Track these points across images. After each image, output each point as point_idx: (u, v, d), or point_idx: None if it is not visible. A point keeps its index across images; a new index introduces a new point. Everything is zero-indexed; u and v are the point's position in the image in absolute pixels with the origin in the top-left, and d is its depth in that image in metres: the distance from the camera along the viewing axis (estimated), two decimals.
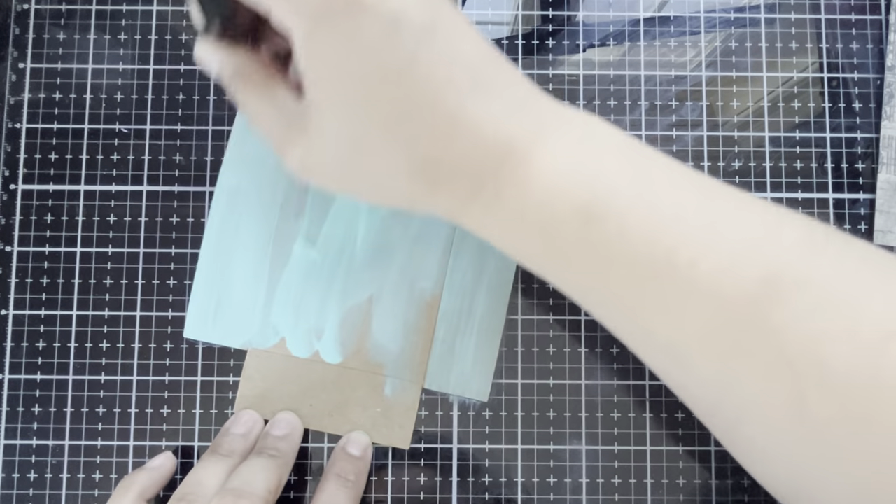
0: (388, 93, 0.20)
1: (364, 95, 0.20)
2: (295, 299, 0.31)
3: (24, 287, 0.31)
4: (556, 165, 0.21)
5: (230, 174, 0.31)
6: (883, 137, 0.32)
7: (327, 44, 0.20)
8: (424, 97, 0.20)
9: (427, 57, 0.20)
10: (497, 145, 0.21)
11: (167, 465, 0.29)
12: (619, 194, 0.20)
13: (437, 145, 0.21)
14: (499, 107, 0.21)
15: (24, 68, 0.32)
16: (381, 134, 0.21)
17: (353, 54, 0.20)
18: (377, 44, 0.19)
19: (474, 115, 0.20)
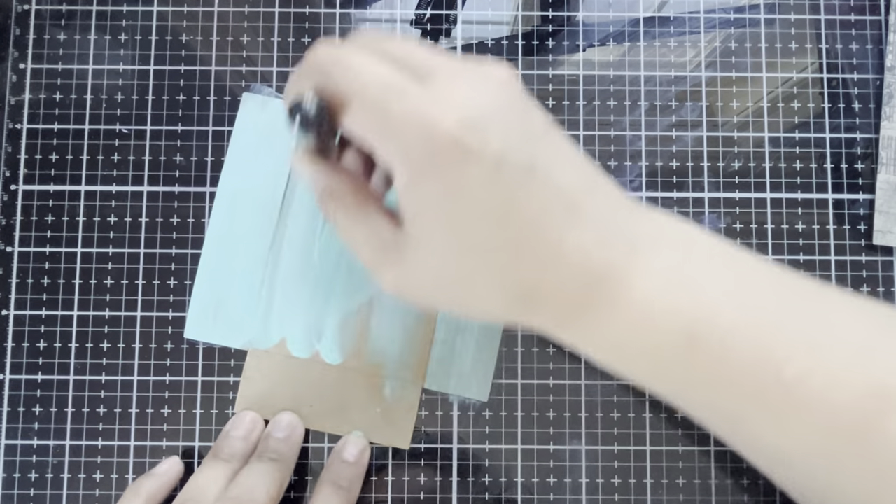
0: (487, 232, 0.20)
1: (464, 235, 0.21)
2: (295, 300, 0.31)
3: (24, 287, 0.31)
4: (654, 289, 0.21)
5: (232, 177, 0.31)
6: (882, 138, 0.32)
7: (430, 188, 0.20)
8: (522, 232, 0.20)
9: (527, 195, 0.20)
10: (594, 272, 0.21)
11: (174, 471, 0.29)
12: (720, 313, 0.20)
13: (533, 275, 0.21)
14: (594, 233, 0.21)
15: (24, 69, 0.32)
16: (479, 267, 0.21)
17: (455, 198, 0.20)
18: (480, 187, 0.20)
19: (570, 244, 0.20)
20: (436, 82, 0.20)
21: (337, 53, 0.21)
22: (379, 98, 0.20)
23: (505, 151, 0.20)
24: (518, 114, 0.21)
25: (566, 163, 0.21)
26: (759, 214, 0.32)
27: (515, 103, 0.21)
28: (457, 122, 0.19)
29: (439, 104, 0.20)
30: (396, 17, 0.33)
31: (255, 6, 0.32)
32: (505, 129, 0.20)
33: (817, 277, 0.31)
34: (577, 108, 0.32)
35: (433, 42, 0.32)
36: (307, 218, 0.31)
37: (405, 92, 0.20)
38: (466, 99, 0.20)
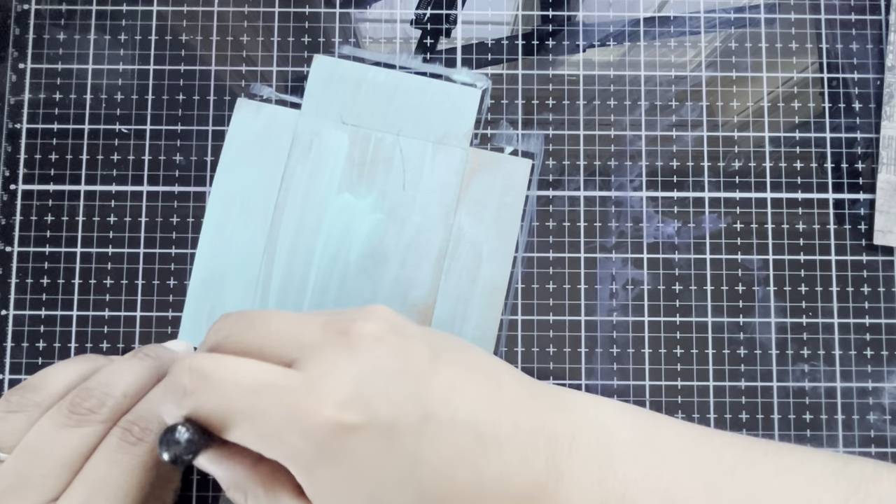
0: (398, 495, 0.20)
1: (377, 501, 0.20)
2: (288, 306, 0.30)
3: (24, 287, 0.31)
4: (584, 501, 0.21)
5: (225, 182, 0.31)
6: (883, 137, 0.32)
7: (329, 475, 0.19)
8: (434, 482, 0.20)
9: (430, 445, 0.20)
10: (518, 495, 0.20)
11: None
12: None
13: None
14: (508, 455, 0.20)
15: (24, 69, 0.32)
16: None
17: (358, 477, 0.19)
18: (379, 458, 0.19)
19: (487, 476, 0.20)
20: (307, 366, 0.20)
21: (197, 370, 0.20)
22: (248, 408, 0.19)
23: (392, 414, 0.19)
24: (395, 367, 0.20)
25: (461, 391, 0.21)
26: (759, 214, 0.32)
27: (389, 357, 0.20)
28: (333, 407, 0.19)
29: (312, 393, 0.19)
30: (396, 17, 0.33)
31: (255, 6, 0.32)
32: (385, 392, 0.20)
33: (817, 280, 0.31)
34: (577, 108, 0.32)
35: (434, 41, 0.32)
36: (300, 223, 0.31)
37: (274, 391, 0.19)
38: (338, 378, 0.19)
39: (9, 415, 0.24)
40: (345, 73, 0.32)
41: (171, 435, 0.19)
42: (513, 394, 0.22)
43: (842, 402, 0.31)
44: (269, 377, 0.20)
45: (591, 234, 0.32)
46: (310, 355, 0.20)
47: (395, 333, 0.21)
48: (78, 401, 0.24)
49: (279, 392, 0.19)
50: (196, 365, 0.20)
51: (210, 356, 0.21)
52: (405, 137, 0.31)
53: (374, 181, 0.31)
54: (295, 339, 0.21)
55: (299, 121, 0.31)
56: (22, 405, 0.25)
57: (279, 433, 0.19)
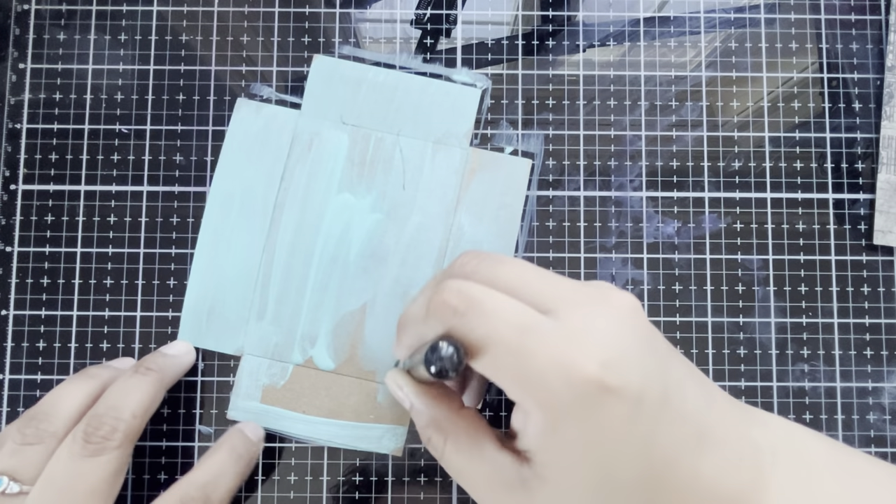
0: (627, 470, 0.20)
1: (604, 474, 0.20)
2: (288, 306, 0.31)
3: (24, 287, 0.31)
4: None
5: (224, 181, 0.31)
6: (883, 137, 0.32)
7: (571, 431, 0.20)
8: (660, 466, 0.20)
9: (663, 428, 0.20)
10: (728, 498, 0.21)
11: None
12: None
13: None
14: (723, 458, 0.21)
15: (24, 68, 0.32)
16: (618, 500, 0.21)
17: (597, 439, 0.20)
18: (621, 426, 0.19)
19: (704, 472, 0.20)
20: (565, 318, 0.20)
21: (467, 295, 0.20)
22: (516, 344, 0.19)
23: (643, 386, 0.19)
24: (648, 343, 0.20)
25: (690, 386, 0.21)
26: (759, 214, 0.32)
27: (644, 332, 0.21)
28: (598, 365, 0.19)
29: (577, 345, 0.19)
30: (396, 17, 0.33)
31: (255, 6, 0.32)
32: (641, 363, 0.20)
33: (817, 280, 0.31)
34: (577, 108, 0.32)
35: (434, 41, 0.32)
36: (300, 223, 0.31)
37: (541, 334, 0.19)
38: (602, 336, 0.19)
39: (26, 447, 0.25)
40: (345, 73, 0.32)
41: (438, 351, 0.20)
42: (721, 402, 0.22)
43: (842, 402, 0.31)
44: (537, 321, 0.20)
45: (591, 234, 0.32)
46: (570, 309, 0.20)
47: (643, 314, 0.21)
48: (91, 430, 0.25)
49: (548, 336, 0.19)
50: (466, 288, 0.20)
51: (478, 285, 0.21)
52: (405, 137, 0.31)
53: (374, 181, 0.31)
54: (552, 289, 0.21)
55: (299, 121, 0.31)
56: (38, 437, 0.25)
57: (538, 377, 0.19)
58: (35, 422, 0.25)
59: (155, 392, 0.27)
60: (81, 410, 0.26)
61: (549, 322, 0.20)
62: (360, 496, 0.30)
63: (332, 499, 0.30)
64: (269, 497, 0.30)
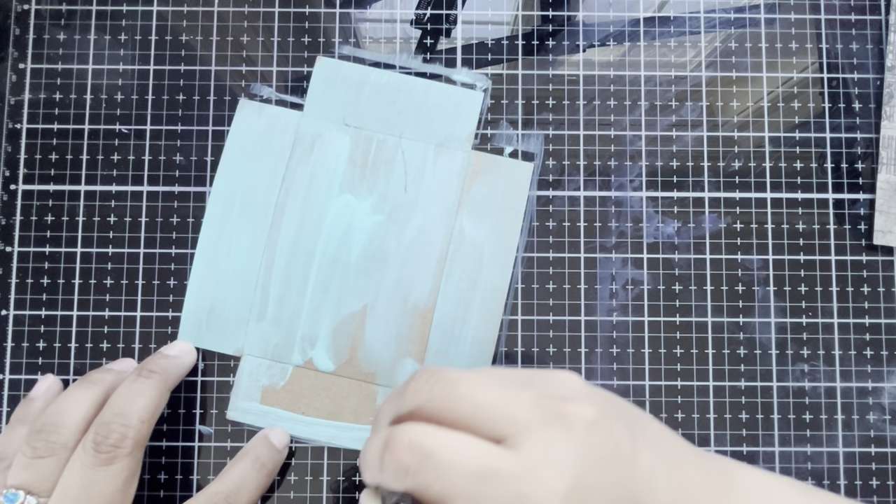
0: None
1: None
2: (288, 307, 0.31)
3: (24, 287, 0.31)
4: None
5: (225, 181, 0.31)
6: (883, 137, 0.32)
7: None
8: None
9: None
10: None
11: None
12: None
13: None
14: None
15: (24, 68, 0.32)
16: None
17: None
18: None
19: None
20: (523, 449, 0.19)
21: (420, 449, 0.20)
22: (475, 495, 0.19)
23: (610, 500, 0.19)
24: (609, 455, 0.20)
25: (658, 472, 0.21)
26: (759, 214, 0.32)
27: (604, 446, 0.20)
28: (560, 498, 0.19)
29: (536, 482, 0.19)
30: (396, 17, 0.33)
31: (255, 6, 0.32)
32: (603, 482, 0.19)
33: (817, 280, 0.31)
34: (577, 108, 0.32)
35: (434, 41, 0.32)
36: (301, 224, 0.31)
37: (498, 478, 0.19)
38: (561, 467, 0.19)
39: (38, 460, 0.25)
40: (347, 74, 0.32)
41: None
42: (693, 471, 0.22)
43: (842, 402, 0.31)
44: (493, 461, 0.19)
45: (591, 234, 0.32)
46: (525, 436, 0.20)
47: (605, 417, 0.21)
48: (100, 439, 0.25)
49: (504, 479, 0.19)
50: (416, 441, 0.20)
51: (429, 431, 0.20)
52: (407, 139, 0.31)
53: (376, 183, 0.31)
54: (506, 414, 0.20)
55: (301, 122, 0.31)
56: (49, 449, 0.25)
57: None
58: (44, 434, 0.25)
59: (160, 395, 0.27)
60: (88, 418, 0.26)
61: (506, 459, 0.19)
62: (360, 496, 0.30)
63: (332, 499, 0.30)
64: (269, 497, 0.30)
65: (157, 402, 0.27)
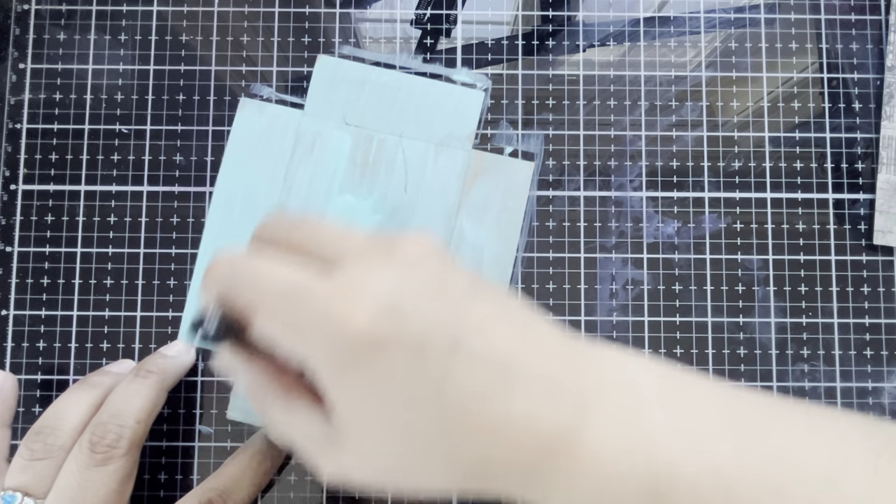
0: (423, 415, 0.20)
1: (399, 422, 0.20)
2: None
3: (24, 287, 0.31)
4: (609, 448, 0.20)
5: (228, 181, 0.31)
6: (883, 137, 0.32)
7: (355, 383, 0.19)
8: (461, 410, 0.20)
9: (458, 371, 0.19)
10: (544, 436, 0.20)
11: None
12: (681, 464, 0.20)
13: (482, 450, 0.20)
14: (537, 396, 0.20)
15: (24, 68, 0.32)
16: (421, 451, 0.20)
17: (383, 389, 0.19)
18: (406, 374, 0.19)
19: (514, 412, 0.20)
20: (343, 271, 0.20)
21: (237, 264, 0.21)
22: (285, 305, 0.19)
23: (425, 332, 0.19)
24: (433, 288, 0.20)
25: (494, 325, 0.20)
26: (759, 214, 0.32)
27: (429, 278, 0.20)
28: (369, 316, 0.19)
29: (348, 298, 0.19)
30: (396, 17, 0.33)
31: (255, 6, 0.32)
32: (421, 308, 0.19)
33: (817, 280, 0.31)
34: (577, 108, 0.32)
35: (434, 41, 0.32)
36: None
37: (311, 293, 0.19)
38: (377, 286, 0.19)
39: (35, 462, 0.25)
40: (348, 73, 0.32)
41: (201, 319, 0.21)
42: (543, 339, 0.21)
43: (842, 402, 0.31)
44: (304, 279, 0.20)
45: (591, 234, 0.32)
46: (350, 263, 0.20)
47: (439, 259, 0.21)
48: (96, 439, 0.25)
49: (313, 295, 0.19)
50: (233, 255, 0.21)
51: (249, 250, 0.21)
52: (407, 139, 0.31)
53: (376, 182, 0.31)
54: (337, 243, 0.21)
55: (302, 121, 0.31)
56: (46, 451, 0.25)
57: (309, 335, 0.19)
58: (41, 436, 0.26)
59: (157, 395, 0.27)
60: (86, 421, 0.26)
61: (319, 281, 0.19)
62: (360, 496, 0.30)
63: (332, 499, 0.30)
64: (270, 497, 0.30)
65: (154, 402, 0.27)
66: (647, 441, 0.20)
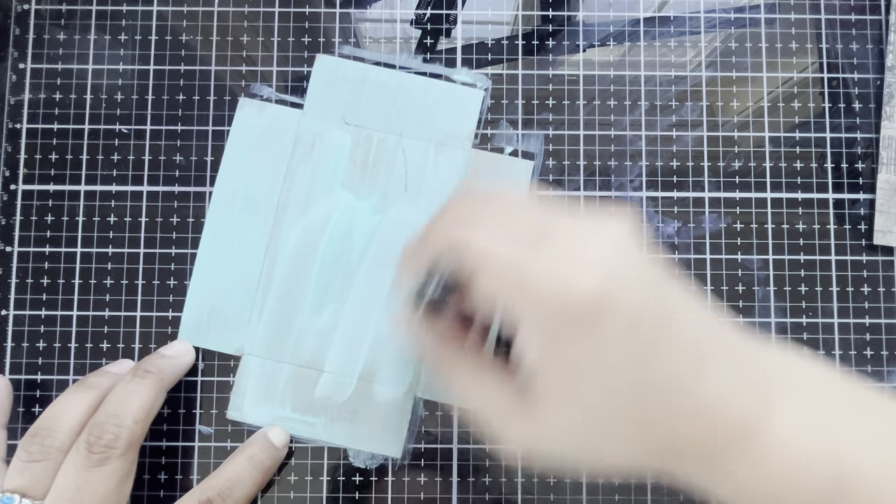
0: (624, 390, 0.20)
1: (601, 396, 0.20)
2: (289, 306, 0.30)
3: (24, 287, 0.31)
4: (794, 440, 0.20)
5: (227, 181, 0.31)
6: (883, 137, 0.32)
7: (565, 352, 0.20)
8: (661, 387, 0.20)
9: (661, 350, 0.20)
10: (731, 421, 0.20)
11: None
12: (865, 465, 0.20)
13: (670, 429, 0.20)
14: (727, 381, 0.20)
15: (24, 68, 0.32)
16: (615, 426, 0.21)
17: (592, 360, 0.20)
18: (616, 348, 0.19)
19: (706, 395, 0.20)
20: (559, 244, 0.20)
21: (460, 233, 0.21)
22: (510, 272, 0.20)
23: (638, 308, 0.19)
24: (642, 268, 0.20)
25: (689, 311, 0.21)
26: (759, 214, 0.32)
27: (637, 258, 0.21)
28: (592, 286, 0.19)
29: (573, 264, 0.19)
30: (396, 17, 0.33)
31: (255, 6, 0.32)
32: (634, 286, 0.20)
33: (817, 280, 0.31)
34: (577, 108, 0.32)
35: (434, 41, 0.32)
36: (302, 223, 0.31)
37: (535, 255, 0.20)
38: (597, 258, 0.20)
39: (32, 464, 0.25)
40: (348, 73, 0.32)
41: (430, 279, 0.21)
42: (726, 328, 0.22)
43: None
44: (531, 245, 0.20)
45: None
46: (563, 237, 0.20)
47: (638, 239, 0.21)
48: (93, 440, 0.25)
49: (543, 255, 0.20)
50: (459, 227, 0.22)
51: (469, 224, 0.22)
52: (407, 138, 0.31)
53: (377, 182, 0.31)
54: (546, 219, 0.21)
55: (302, 121, 0.31)
56: (44, 453, 0.25)
57: (531, 298, 0.20)
58: (39, 438, 0.26)
59: (155, 395, 0.27)
60: (83, 421, 0.26)
61: (544, 246, 0.20)
62: (360, 496, 0.30)
63: (332, 499, 0.30)
64: (270, 497, 0.30)
65: (152, 402, 0.27)
66: (830, 436, 0.20)
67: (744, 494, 0.21)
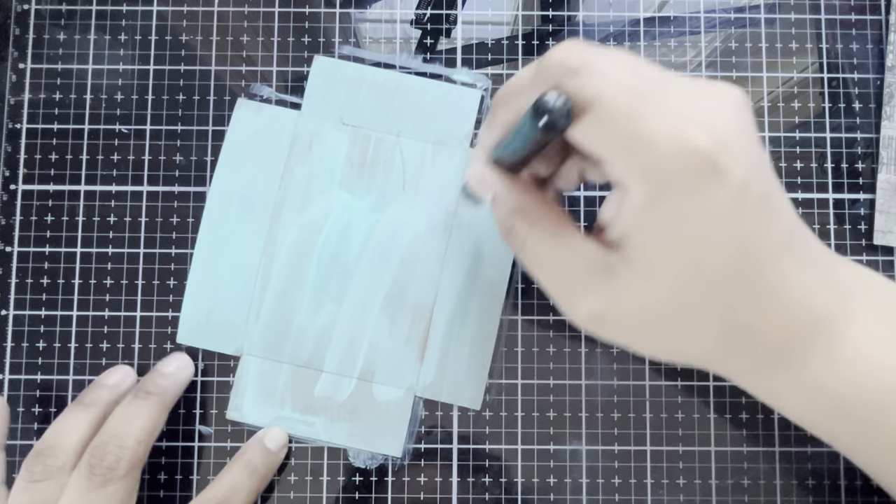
0: (720, 262, 0.19)
1: (695, 264, 0.19)
2: (287, 306, 0.30)
3: (24, 287, 0.31)
4: (873, 342, 0.20)
5: (224, 182, 0.31)
6: (883, 137, 0.32)
7: (671, 208, 0.19)
8: (754, 265, 0.19)
9: (761, 227, 0.19)
10: (813, 314, 0.20)
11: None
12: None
13: (751, 313, 0.20)
14: (811, 275, 0.20)
15: (24, 68, 0.32)
16: (699, 301, 0.20)
17: (696, 222, 0.19)
18: (722, 213, 0.19)
19: (791, 284, 0.20)
20: (676, 99, 0.19)
21: (582, 55, 0.20)
22: (628, 105, 0.19)
23: (749, 177, 0.19)
24: (755, 138, 0.20)
25: (786, 199, 0.20)
26: None
27: (752, 127, 0.20)
28: (711, 141, 0.18)
29: (690, 119, 0.18)
30: (396, 17, 0.33)
31: (255, 6, 0.32)
32: (748, 153, 0.19)
33: None
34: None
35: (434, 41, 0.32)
36: (299, 223, 0.31)
37: (655, 101, 0.19)
38: (714, 118, 0.19)
39: (35, 484, 0.25)
40: (345, 73, 0.32)
41: (547, 101, 0.19)
42: (814, 239, 0.21)
43: None
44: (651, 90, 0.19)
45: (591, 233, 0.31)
46: (679, 91, 0.19)
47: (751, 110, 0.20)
48: (95, 461, 0.25)
49: (662, 104, 0.19)
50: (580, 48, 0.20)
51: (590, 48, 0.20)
52: (405, 138, 0.31)
53: (374, 182, 0.31)
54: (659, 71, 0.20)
55: (299, 121, 0.31)
56: (46, 473, 0.25)
57: (646, 143, 0.18)
58: (41, 458, 0.26)
59: (157, 416, 0.27)
60: (86, 440, 0.26)
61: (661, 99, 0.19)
62: (360, 496, 0.30)
63: (332, 499, 0.30)
64: (270, 497, 0.30)
65: (155, 422, 0.27)
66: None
67: (800, 395, 0.21)
